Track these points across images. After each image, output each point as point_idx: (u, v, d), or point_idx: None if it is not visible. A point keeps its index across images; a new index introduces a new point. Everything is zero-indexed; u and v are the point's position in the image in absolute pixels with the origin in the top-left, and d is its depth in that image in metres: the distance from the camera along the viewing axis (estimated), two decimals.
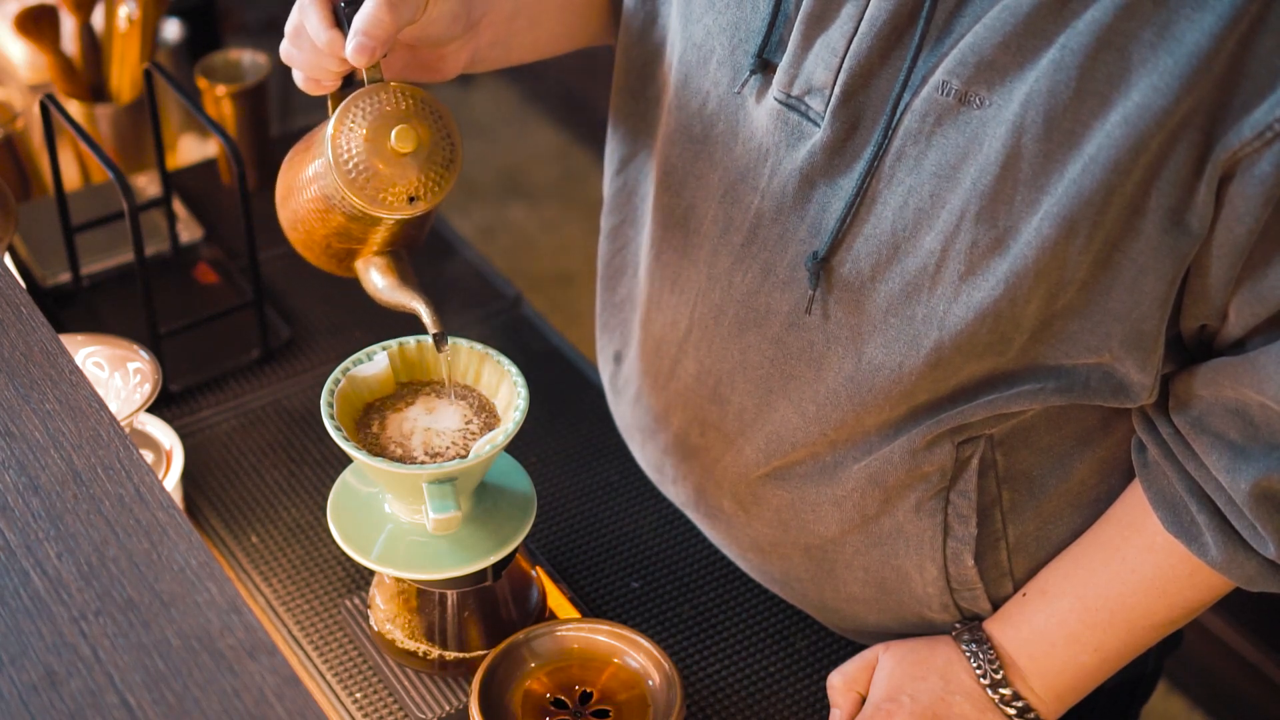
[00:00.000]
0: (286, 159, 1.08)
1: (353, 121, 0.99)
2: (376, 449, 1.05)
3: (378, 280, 1.06)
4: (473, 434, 1.07)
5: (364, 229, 1.04)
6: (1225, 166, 0.87)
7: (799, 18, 0.99)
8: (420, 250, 1.12)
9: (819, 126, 0.99)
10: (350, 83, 1.03)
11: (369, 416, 1.08)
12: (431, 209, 1.02)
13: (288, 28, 1.02)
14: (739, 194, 1.05)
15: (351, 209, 1.01)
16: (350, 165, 0.99)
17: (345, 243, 1.06)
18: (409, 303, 1.05)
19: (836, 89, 0.97)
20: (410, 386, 1.11)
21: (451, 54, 1.09)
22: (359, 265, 1.08)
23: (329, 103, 1.04)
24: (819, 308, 1.02)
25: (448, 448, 1.06)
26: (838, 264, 1.00)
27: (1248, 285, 0.91)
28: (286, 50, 1.03)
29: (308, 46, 1.00)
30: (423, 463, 1.04)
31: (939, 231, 0.95)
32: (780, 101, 1.01)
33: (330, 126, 1.00)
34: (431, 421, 1.07)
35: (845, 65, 0.96)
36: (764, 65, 1.02)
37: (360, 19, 0.97)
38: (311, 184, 1.03)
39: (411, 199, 1.00)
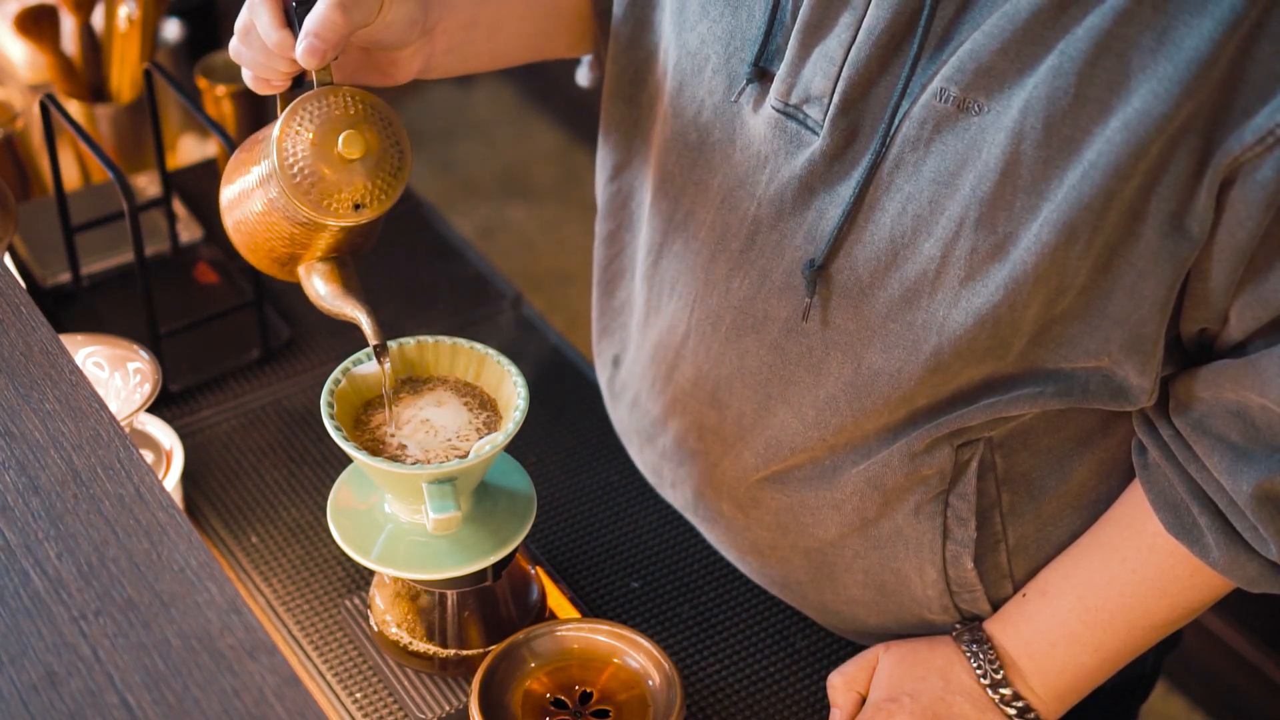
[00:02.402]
0: (231, 160, 1.06)
1: (300, 125, 0.98)
2: (376, 449, 1.05)
3: (320, 287, 1.04)
4: (473, 434, 1.07)
5: (308, 235, 1.02)
6: (1226, 172, 0.87)
7: (796, 26, 0.98)
8: (372, 253, 1.10)
9: (818, 135, 0.99)
10: (300, 84, 1.02)
11: (369, 416, 1.08)
12: (378, 217, 1.01)
13: (237, 25, 1.00)
14: (737, 200, 1.05)
15: (295, 214, 1.00)
16: (296, 170, 0.98)
17: (289, 248, 1.04)
18: (350, 312, 1.03)
19: (835, 98, 0.97)
20: (410, 386, 1.10)
21: (405, 59, 1.07)
22: (301, 271, 1.06)
23: (278, 103, 1.02)
24: (817, 314, 1.02)
25: (447, 447, 1.06)
26: (836, 271, 1.00)
27: (1249, 289, 0.91)
28: (235, 48, 1.01)
29: (257, 46, 0.99)
30: (422, 463, 1.04)
31: (938, 238, 0.94)
32: (778, 110, 1.00)
33: (277, 129, 0.98)
34: (432, 421, 1.07)
35: (844, 74, 0.96)
36: (760, 74, 1.01)
37: (312, 20, 0.95)
38: (257, 188, 1.02)
39: (357, 206, 0.99)
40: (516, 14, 1.16)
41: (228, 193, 1.06)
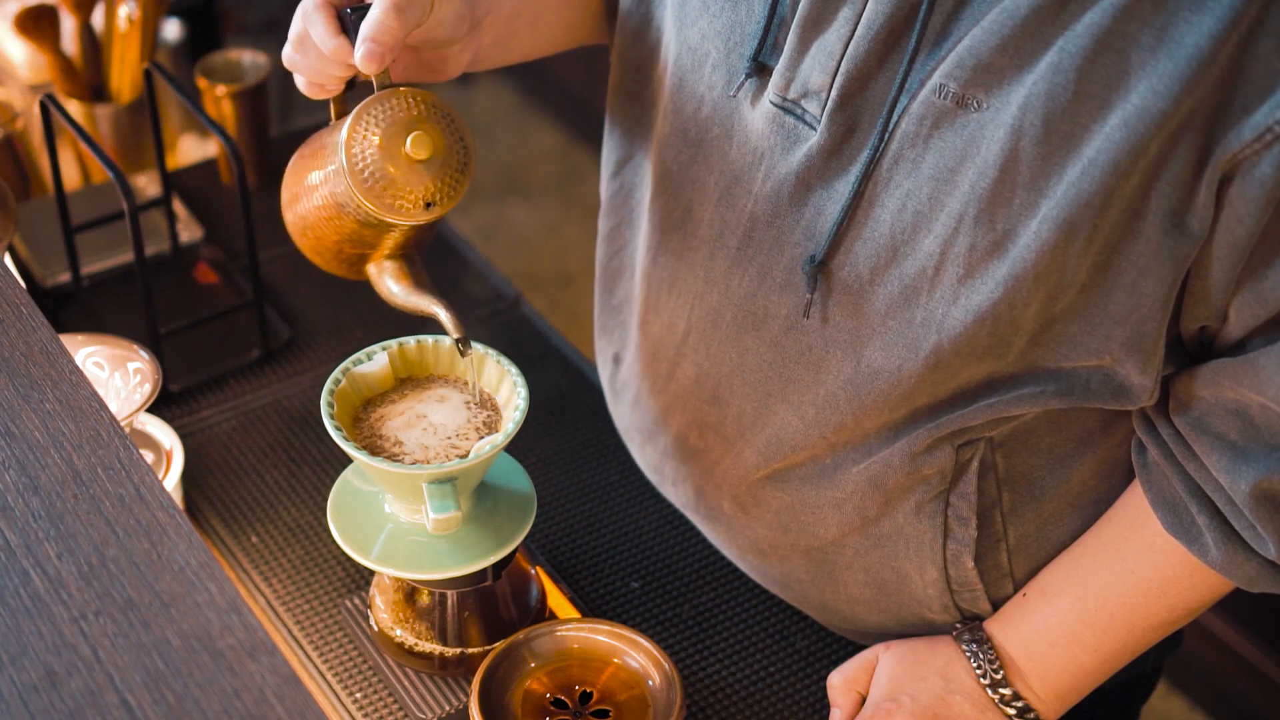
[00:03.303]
0: (292, 163, 1.08)
1: (366, 129, 0.99)
2: (376, 449, 1.05)
3: (392, 285, 1.06)
4: (473, 433, 1.07)
5: (377, 234, 1.03)
6: (1225, 168, 0.87)
7: (795, 21, 0.98)
8: (431, 244, 1.11)
9: (815, 130, 0.99)
10: (353, 86, 1.03)
11: (369, 416, 1.08)
12: (447, 213, 1.02)
13: (291, 34, 1.01)
14: (734, 197, 1.05)
15: (366, 216, 1.01)
16: (366, 173, 0.99)
17: (357, 248, 1.05)
18: (428, 307, 1.04)
19: (833, 92, 0.97)
20: (410, 385, 1.10)
21: (454, 55, 1.09)
22: (371, 270, 1.07)
23: (331, 106, 1.04)
24: (817, 311, 1.02)
25: (447, 447, 1.06)
26: (835, 267, 1.00)
27: (1248, 286, 0.91)
28: (290, 56, 1.02)
29: (313, 53, 1.00)
30: (422, 462, 1.04)
31: (937, 234, 0.95)
32: (776, 105, 1.00)
33: (344, 133, 0.99)
34: (432, 421, 1.07)
35: (842, 69, 0.96)
36: (759, 69, 1.02)
37: (368, 25, 0.96)
38: (322, 189, 1.03)
39: (428, 205, 1.00)
40: (555, 3, 1.17)
41: (291, 196, 1.07)
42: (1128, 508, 1.06)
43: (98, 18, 1.65)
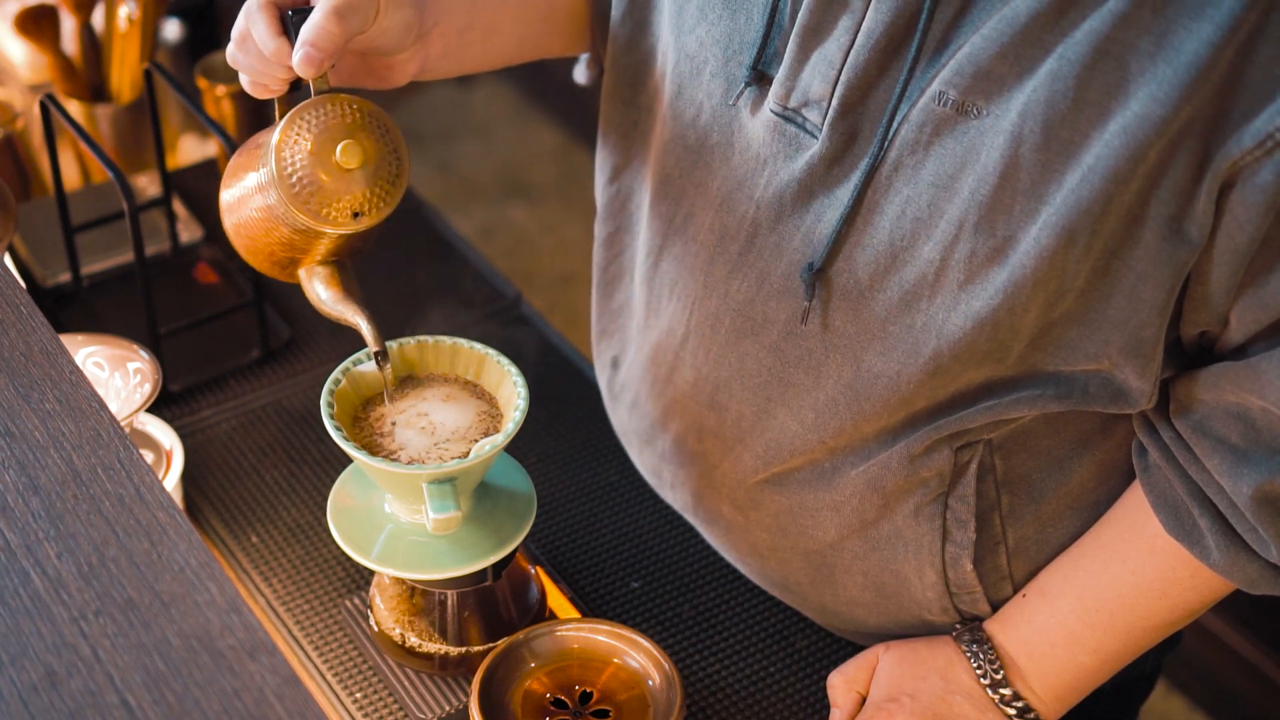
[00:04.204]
0: (230, 163, 1.06)
1: (298, 133, 0.98)
2: (376, 449, 1.05)
3: (320, 291, 1.05)
4: (473, 434, 1.07)
5: (307, 241, 1.02)
6: (1226, 175, 0.87)
7: (795, 30, 0.98)
8: (371, 253, 1.10)
9: (816, 138, 0.98)
10: (299, 87, 1.02)
11: (369, 416, 1.08)
12: (376, 224, 1.01)
13: (234, 33, 1.00)
14: (735, 203, 1.05)
15: (294, 222, 1.00)
16: (294, 179, 0.98)
17: (289, 252, 1.04)
18: (350, 317, 1.04)
19: (834, 101, 0.97)
20: (410, 385, 1.10)
21: (401, 63, 1.07)
22: (302, 274, 1.06)
23: (275, 107, 1.03)
24: (816, 317, 1.02)
25: (448, 447, 1.06)
26: (835, 274, 1.00)
27: (1249, 292, 0.91)
28: (232, 55, 1.01)
29: (254, 54, 0.99)
30: (422, 463, 1.04)
31: (937, 241, 0.94)
32: (777, 114, 1.00)
33: (275, 137, 0.98)
34: (432, 421, 1.07)
35: (843, 78, 0.96)
36: (759, 77, 1.01)
37: (307, 30, 0.95)
38: (255, 193, 1.02)
39: (356, 214, 0.99)
40: (511, 17, 1.15)
41: (227, 196, 1.06)
42: (1128, 509, 1.06)
43: (98, 18, 1.65)
